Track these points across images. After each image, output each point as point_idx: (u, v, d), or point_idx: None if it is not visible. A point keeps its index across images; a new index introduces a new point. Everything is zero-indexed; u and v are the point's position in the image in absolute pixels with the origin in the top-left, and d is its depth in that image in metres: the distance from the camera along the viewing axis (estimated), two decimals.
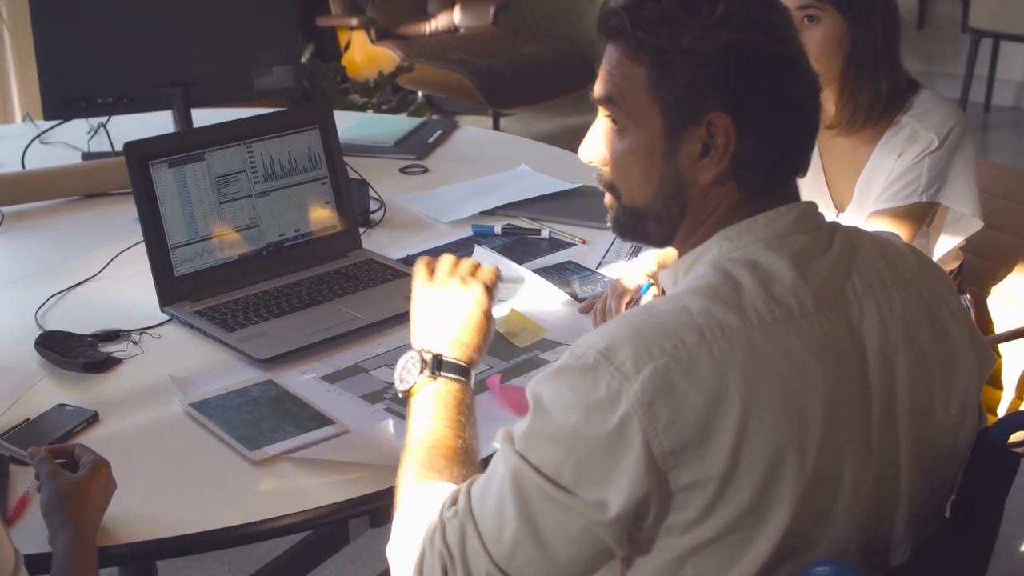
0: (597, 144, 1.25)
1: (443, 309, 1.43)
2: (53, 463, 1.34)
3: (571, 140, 1.72)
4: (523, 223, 2.25)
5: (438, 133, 2.80)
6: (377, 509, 1.45)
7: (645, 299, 1.79)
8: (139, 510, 1.39)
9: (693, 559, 1.12)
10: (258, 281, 1.93)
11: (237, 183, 1.94)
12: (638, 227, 1.25)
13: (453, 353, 1.40)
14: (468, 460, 1.30)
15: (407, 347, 1.38)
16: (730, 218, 1.20)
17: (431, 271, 1.48)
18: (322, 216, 2.04)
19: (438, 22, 6.04)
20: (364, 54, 5.42)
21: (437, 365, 1.38)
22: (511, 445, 1.14)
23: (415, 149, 2.69)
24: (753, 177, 1.18)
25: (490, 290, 1.46)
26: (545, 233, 2.20)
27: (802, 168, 1.22)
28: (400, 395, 1.40)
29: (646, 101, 1.17)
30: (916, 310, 1.20)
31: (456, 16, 6.05)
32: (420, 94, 5.53)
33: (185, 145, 1.89)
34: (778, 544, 1.11)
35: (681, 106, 1.16)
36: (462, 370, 1.39)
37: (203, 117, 2.56)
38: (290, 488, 1.45)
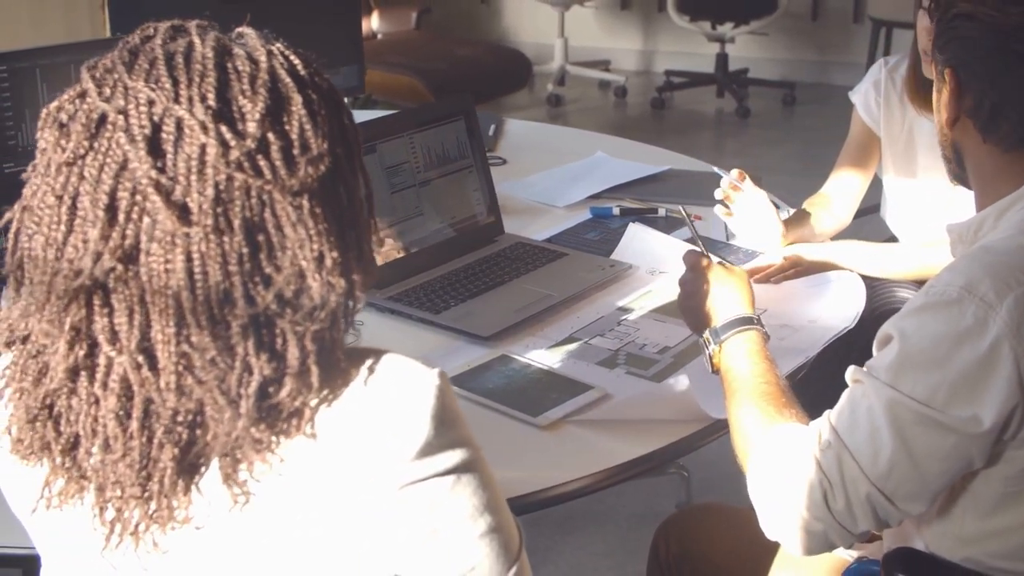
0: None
1: (711, 289, 1.61)
2: None
3: None
4: (634, 204, 2.36)
5: (493, 127, 2.88)
6: (660, 465, 1.55)
7: None
8: None
9: None
10: (429, 267, 1.99)
11: (403, 173, 2.00)
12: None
13: (737, 310, 1.56)
14: (791, 397, 1.43)
15: (606, 318, 1.48)
16: (1007, 173, 1.36)
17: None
18: (472, 203, 2.10)
19: None
20: None
21: (728, 326, 1.54)
22: (876, 379, 1.27)
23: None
24: (992, 131, 1.34)
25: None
26: (661, 212, 2.31)
27: None
28: (713, 371, 1.54)
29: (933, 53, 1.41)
30: None
31: (374, 22, 6.09)
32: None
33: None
34: None
35: (936, 57, 1.38)
36: (751, 319, 1.56)
37: None
38: (578, 450, 1.53)
